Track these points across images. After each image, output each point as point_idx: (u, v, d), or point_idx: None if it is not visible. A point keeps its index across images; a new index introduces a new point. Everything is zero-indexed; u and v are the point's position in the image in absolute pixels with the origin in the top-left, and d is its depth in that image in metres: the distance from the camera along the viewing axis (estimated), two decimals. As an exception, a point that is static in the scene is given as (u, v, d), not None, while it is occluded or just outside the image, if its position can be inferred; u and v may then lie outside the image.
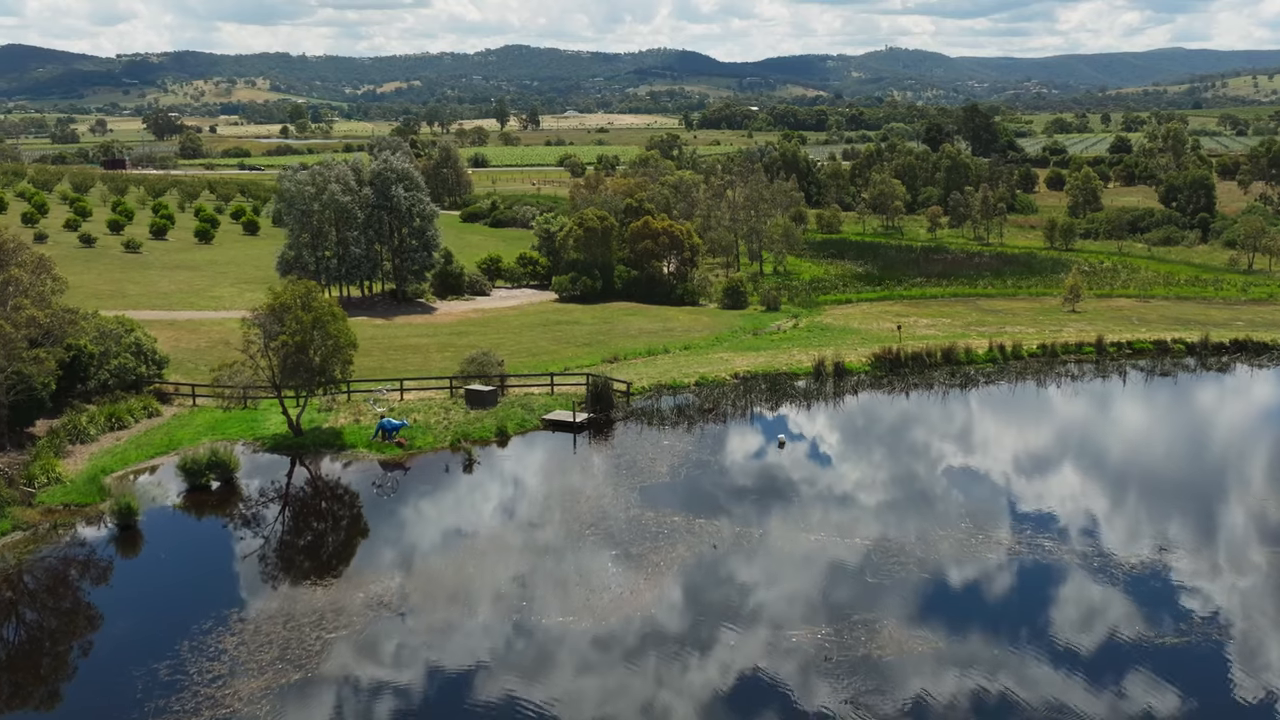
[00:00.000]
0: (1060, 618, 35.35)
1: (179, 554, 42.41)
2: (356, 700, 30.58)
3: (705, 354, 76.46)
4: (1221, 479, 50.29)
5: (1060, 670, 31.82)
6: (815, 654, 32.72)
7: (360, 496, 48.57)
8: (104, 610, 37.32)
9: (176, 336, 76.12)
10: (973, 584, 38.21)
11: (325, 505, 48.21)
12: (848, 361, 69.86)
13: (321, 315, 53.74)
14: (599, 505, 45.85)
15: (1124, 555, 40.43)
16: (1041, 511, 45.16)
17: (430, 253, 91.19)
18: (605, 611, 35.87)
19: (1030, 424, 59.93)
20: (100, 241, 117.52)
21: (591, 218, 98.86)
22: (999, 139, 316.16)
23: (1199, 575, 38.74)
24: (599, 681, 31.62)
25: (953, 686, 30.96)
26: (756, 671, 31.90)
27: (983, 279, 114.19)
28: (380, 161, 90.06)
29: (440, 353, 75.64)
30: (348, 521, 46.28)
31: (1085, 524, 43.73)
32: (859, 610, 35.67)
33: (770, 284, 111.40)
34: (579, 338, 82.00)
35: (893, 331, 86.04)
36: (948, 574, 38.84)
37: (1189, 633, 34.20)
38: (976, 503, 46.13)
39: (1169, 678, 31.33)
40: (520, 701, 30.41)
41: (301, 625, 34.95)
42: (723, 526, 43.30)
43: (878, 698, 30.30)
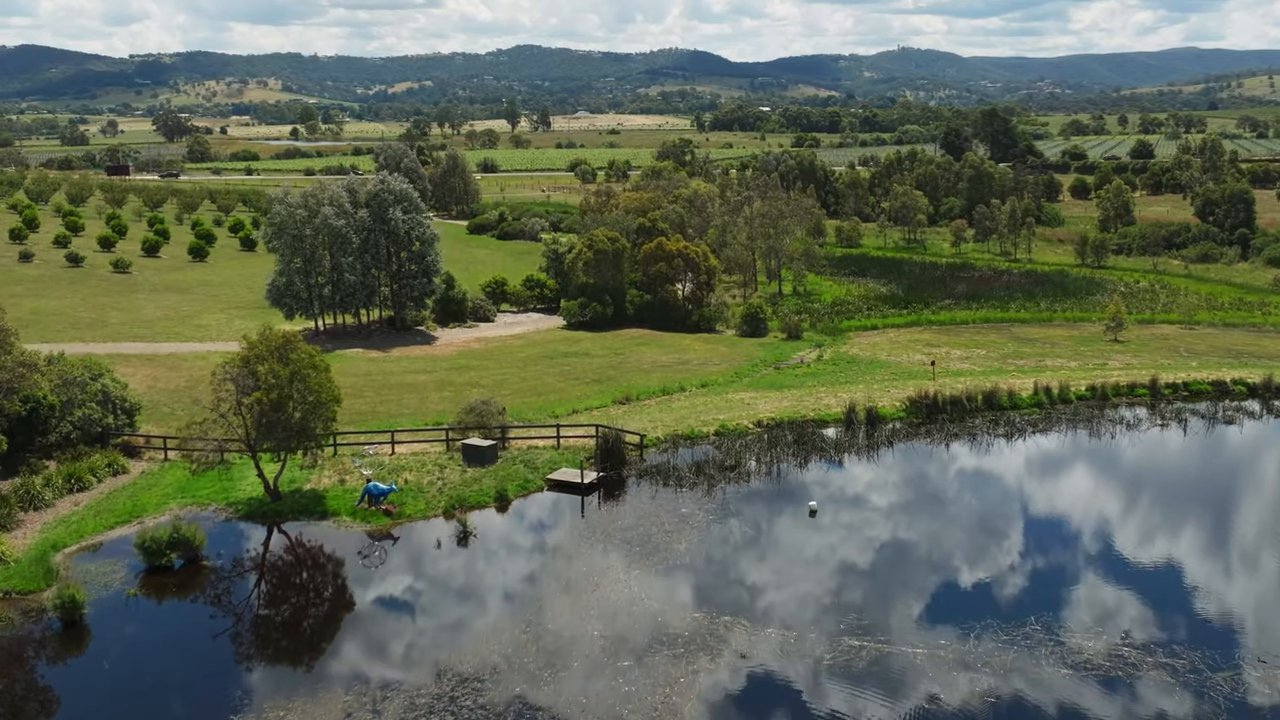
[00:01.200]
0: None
1: (128, 657, 36.93)
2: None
3: (724, 393, 70.78)
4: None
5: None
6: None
7: (340, 581, 43.04)
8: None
9: (154, 374, 70.79)
10: (1067, 708, 32.46)
11: (299, 594, 42.63)
12: (880, 407, 64.09)
13: (300, 368, 48.23)
14: (607, 597, 40.22)
15: (1215, 675, 34.64)
16: (1122, 608, 39.38)
17: (430, 279, 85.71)
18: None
19: (1092, 489, 54.04)
20: (89, 260, 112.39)
21: (602, 239, 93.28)
22: (1018, 143, 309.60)
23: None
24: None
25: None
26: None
27: (1014, 301, 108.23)
28: (377, 182, 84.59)
29: (439, 391, 70.14)
30: (323, 614, 40.70)
31: (1174, 627, 37.95)
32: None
33: (790, 306, 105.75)
34: (588, 373, 76.42)
35: (924, 364, 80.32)
36: (1028, 694, 33.11)
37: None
38: (1046, 592, 40.37)
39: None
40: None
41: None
42: (751, 628, 37.63)
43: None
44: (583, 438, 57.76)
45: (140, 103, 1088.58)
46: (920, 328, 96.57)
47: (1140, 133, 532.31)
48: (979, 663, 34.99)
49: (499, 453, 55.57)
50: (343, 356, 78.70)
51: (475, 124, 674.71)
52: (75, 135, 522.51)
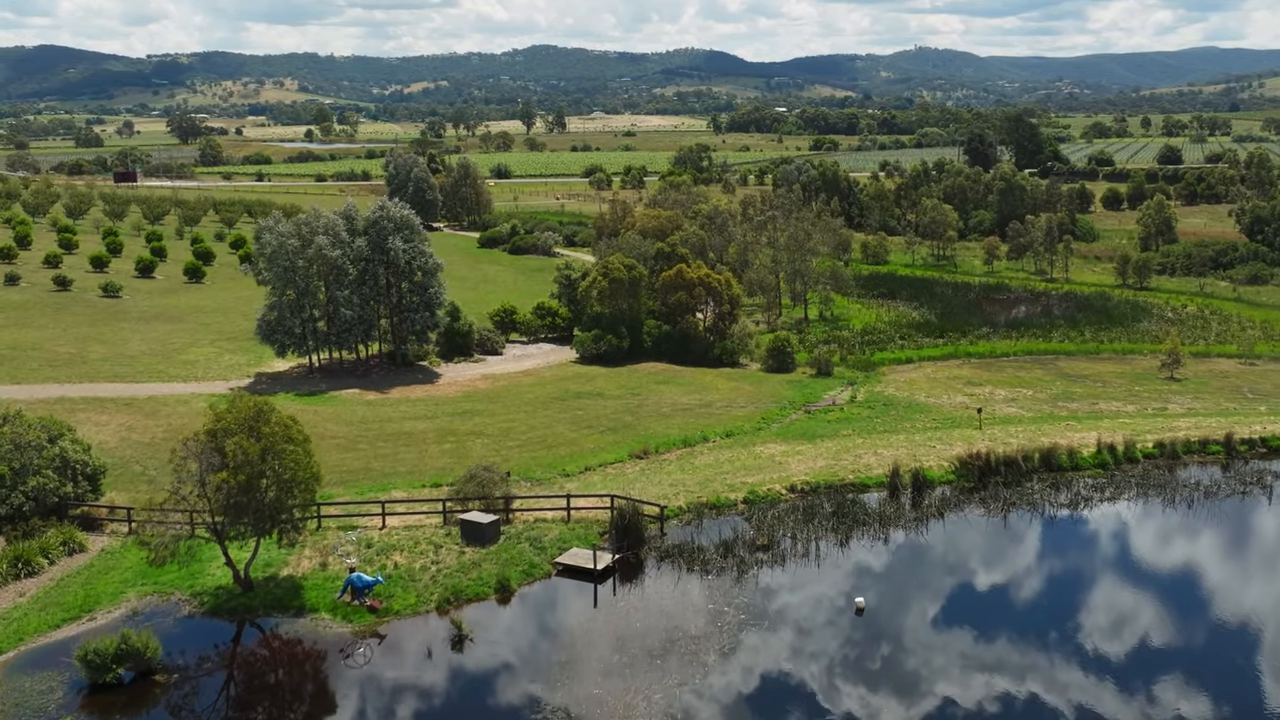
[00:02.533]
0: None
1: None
2: None
3: (751, 445, 64.52)
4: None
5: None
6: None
7: (314, 701, 37.01)
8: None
9: (130, 423, 64.96)
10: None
11: (265, 716, 36.61)
12: (927, 468, 57.76)
13: (274, 443, 42.23)
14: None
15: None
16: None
17: (433, 312, 79.68)
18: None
19: (1178, 573, 47.63)
20: (77, 283, 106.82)
21: (618, 266, 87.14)
22: (1044, 149, 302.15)
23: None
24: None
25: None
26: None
27: (1056, 329, 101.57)
28: (376, 209, 78.58)
29: (439, 443, 64.11)
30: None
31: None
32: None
33: (817, 334, 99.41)
34: (603, 418, 70.27)
35: (967, 407, 73.93)
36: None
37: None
38: (1151, 707, 34.10)
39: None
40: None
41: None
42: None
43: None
44: (596, 508, 51.67)
45: (157, 103, 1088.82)
46: (958, 361, 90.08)
47: (1164, 135, 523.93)
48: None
49: (502, 528, 49.47)
50: (337, 398, 72.83)
51: (490, 125, 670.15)
52: (90, 137, 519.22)
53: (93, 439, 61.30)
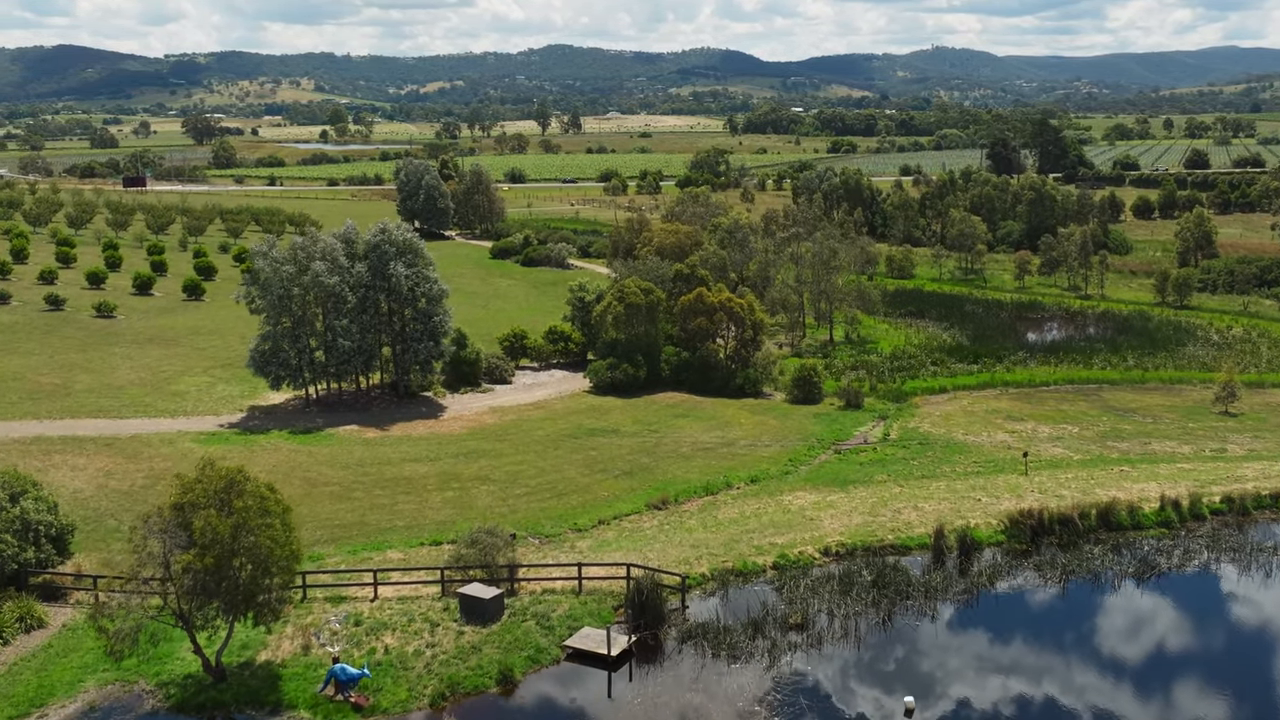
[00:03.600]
0: None
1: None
2: None
3: (778, 494, 59.52)
4: None
5: None
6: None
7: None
8: None
9: (109, 467, 60.38)
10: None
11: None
12: (974, 527, 52.63)
13: (249, 518, 37.50)
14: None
15: None
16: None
17: (438, 341, 74.85)
18: None
19: (1272, 663, 42.44)
20: (70, 302, 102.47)
21: (634, 290, 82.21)
22: (1068, 154, 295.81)
23: None
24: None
25: None
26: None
27: (1097, 354, 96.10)
28: (377, 231, 73.78)
29: (441, 490, 59.33)
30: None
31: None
32: None
33: (844, 359, 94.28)
34: (618, 459, 65.37)
35: (1008, 447, 68.74)
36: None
37: None
38: None
39: None
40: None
41: None
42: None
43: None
44: (610, 578, 46.74)
45: (174, 103, 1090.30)
46: (996, 391, 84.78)
47: (1187, 137, 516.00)
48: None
49: (505, 602, 44.59)
50: (333, 436, 68.09)
51: (505, 125, 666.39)
52: (105, 138, 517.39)
53: (67, 486, 57.02)
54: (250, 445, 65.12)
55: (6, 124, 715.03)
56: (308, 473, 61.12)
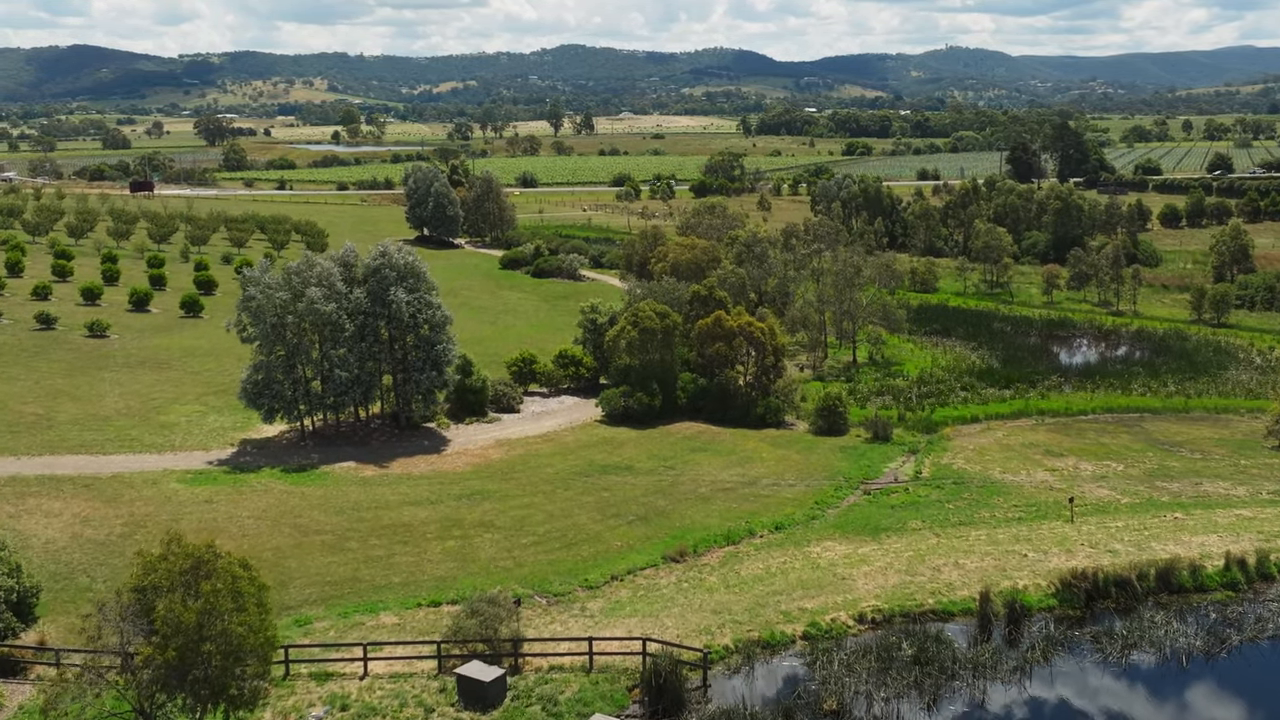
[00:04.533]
0: None
1: None
2: None
3: (805, 545, 55.12)
4: None
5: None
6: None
7: None
8: None
9: (87, 512, 56.30)
10: None
11: None
12: (1022, 590, 48.15)
13: (217, 603, 33.28)
14: None
15: None
16: None
17: (441, 371, 70.56)
18: None
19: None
20: (63, 320, 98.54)
21: (649, 314, 77.85)
22: (1089, 158, 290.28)
23: None
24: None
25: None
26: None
27: (1135, 378, 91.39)
28: (376, 255, 69.54)
29: (441, 540, 55.10)
30: None
31: None
32: None
33: (869, 383, 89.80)
34: (632, 502, 61.06)
35: (1050, 488, 64.27)
36: None
37: None
38: None
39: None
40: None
41: None
42: None
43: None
44: (624, 653, 42.38)
45: (188, 103, 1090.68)
46: (1031, 420, 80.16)
47: (1206, 139, 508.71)
48: None
49: (509, 681, 40.28)
50: (329, 475, 63.88)
51: (517, 126, 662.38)
52: (117, 139, 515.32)
53: (39, 536, 53.00)
54: (239, 486, 61.00)
55: (21, 124, 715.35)
56: (299, 518, 56.96)
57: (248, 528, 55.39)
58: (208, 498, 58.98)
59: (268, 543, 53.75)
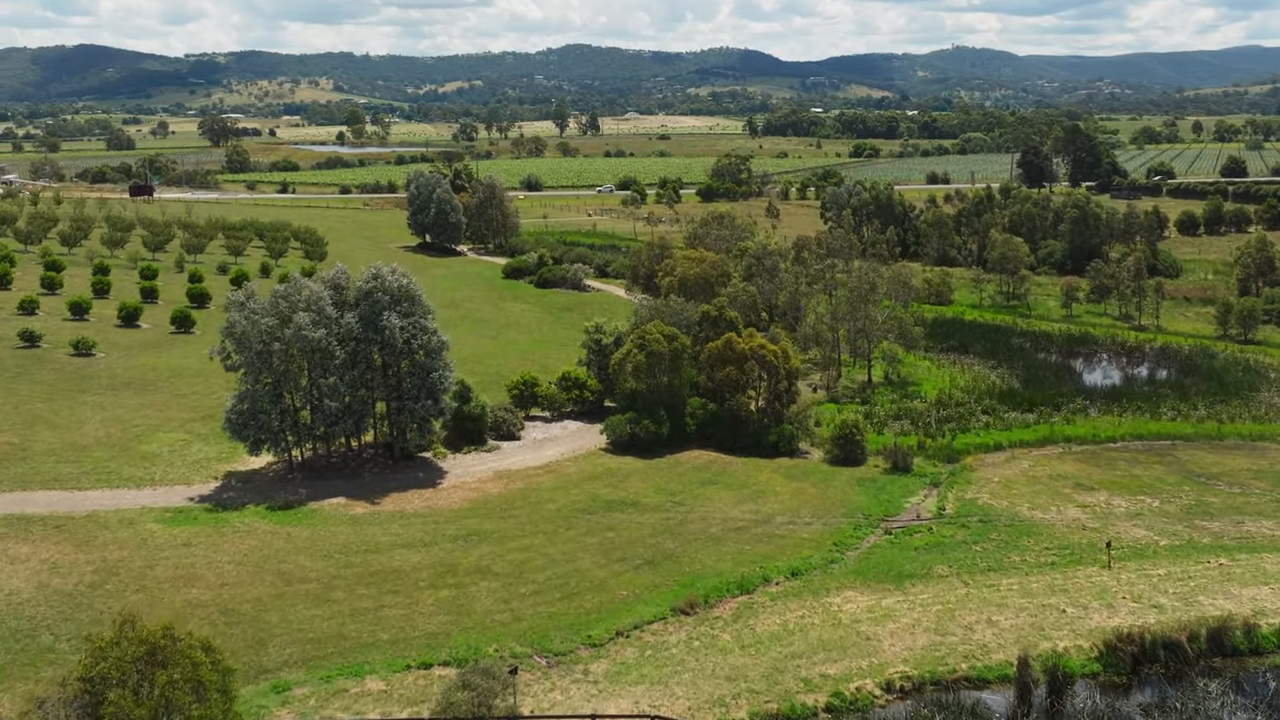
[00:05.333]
0: None
1: None
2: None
3: (824, 595, 51.42)
4: None
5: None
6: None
7: None
8: None
9: (56, 558, 52.68)
10: None
11: None
12: (1064, 654, 44.36)
13: (175, 697, 29.64)
14: None
15: None
16: None
17: (437, 399, 66.89)
18: None
19: None
20: (48, 338, 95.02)
21: (655, 337, 74.12)
22: (1102, 162, 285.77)
23: None
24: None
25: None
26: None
27: (1163, 400, 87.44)
28: (368, 278, 65.82)
29: (434, 589, 51.43)
30: None
31: None
32: None
33: (885, 405, 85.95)
34: (638, 544, 57.37)
35: (1084, 527, 60.55)
36: None
37: None
38: None
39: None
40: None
41: None
42: None
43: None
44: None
45: (194, 102, 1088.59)
46: (1057, 448, 76.32)
47: (1216, 140, 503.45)
48: None
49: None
50: (317, 514, 60.23)
51: (523, 126, 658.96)
52: (122, 139, 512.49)
53: (2, 588, 49.34)
54: (220, 526, 57.37)
55: (27, 124, 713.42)
56: (283, 564, 53.32)
57: (227, 575, 51.78)
58: (186, 540, 55.37)
59: (248, 592, 50.15)
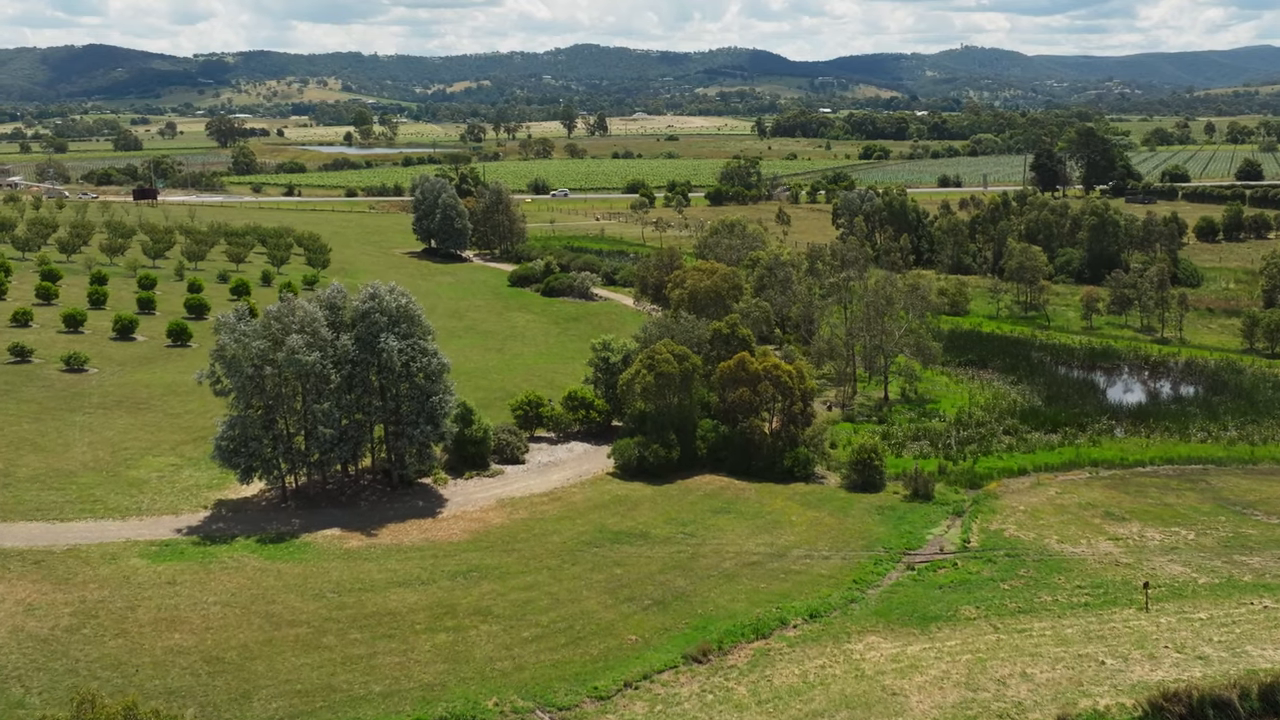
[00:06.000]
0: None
1: None
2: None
3: (845, 641, 48.44)
4: None
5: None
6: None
7: None
8: None
9: (33, 598, 49.91)
10: None
11: None
12: (1106, 715, 41.30)
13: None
14: None
15: None
16: None
17: (437, 424, 63.99)
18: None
19: None
20: (40, 352, 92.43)
21: (665, 356, 71.17)
22: (1115, 165, 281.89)
23: None
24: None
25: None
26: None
27: (1192, 420, 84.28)
28: (365, 298, 62.92)
29: (431, 633, 48.53)
30: None
31: None
32: None
33: (903, 425, 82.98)
34: (648, 581, 54.45)
35: (1118, 563, 57.52)
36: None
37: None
38: None
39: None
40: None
41: None
42: None
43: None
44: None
45: (202, 102, 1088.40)
46: (1084, 473, 73.17)
47: (1229, 142, 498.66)
48: None
49: (502, 846, 33.73)
50: (309, 547, 57.35)
51: (531, 126, 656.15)
52: (129, 140, 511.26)
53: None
54: (207, 562, 54.53)
55: (36, 124, 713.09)
56: (272, 604, 50.46)
57: (213, 617, 48.95)
58: (171, 577, 52.54)
59: (234, 637, 47.30)
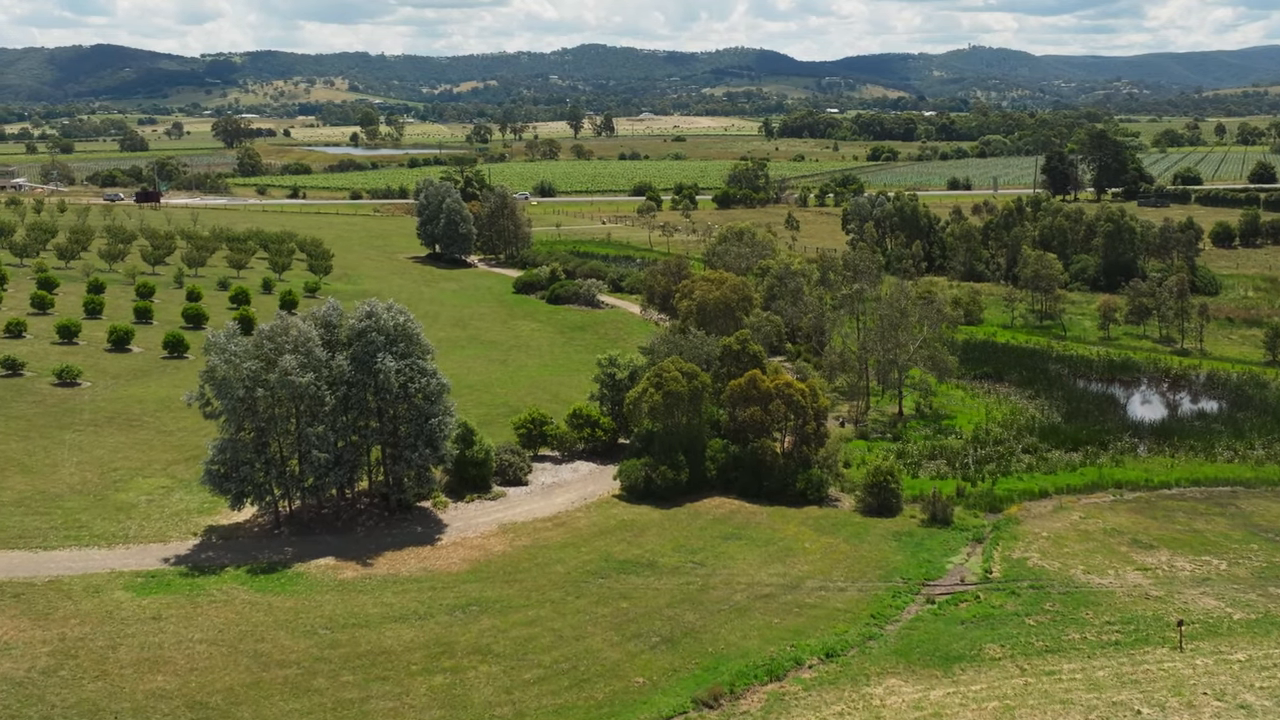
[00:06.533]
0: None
1: None
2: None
3: (863, 684, 45.94)
4: None
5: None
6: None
7: None
8: None
9: (9, 635, 47.52)
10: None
11: None
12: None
13: None
14: None
15: None
16: None
17: (437, 447, 61.54)
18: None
19: None
20: (32, 364, 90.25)
21: (674, 375, 68.64)
22: (1127, 168, 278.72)
23: None
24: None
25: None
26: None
27: (1217, 438, 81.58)
28: (362, 316, 60.47)
29: (427, 675, 46.07)
30: None
31: None
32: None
33: (919, 443, 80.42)
34: (655, 616, 51.95)
35: (1147, 595, 54.95)
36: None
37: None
38: None
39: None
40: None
41: None
42: None
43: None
44: None
45: (209, 102, 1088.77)
46: (1108, 496, 70.52)
47: (1240, 143, 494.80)
48: None
49: None
50: (301, 578, 54.92)
51: (537, 126, 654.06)
52: (135, 140, 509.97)
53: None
54: (195, 595, 52.13)
55: (43, 124, 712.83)
56: (260, 642, 48.02)
57: (198, 657, 46.54)
58: (156, 612, 50.14)
59: (219, 680, 44.89)
